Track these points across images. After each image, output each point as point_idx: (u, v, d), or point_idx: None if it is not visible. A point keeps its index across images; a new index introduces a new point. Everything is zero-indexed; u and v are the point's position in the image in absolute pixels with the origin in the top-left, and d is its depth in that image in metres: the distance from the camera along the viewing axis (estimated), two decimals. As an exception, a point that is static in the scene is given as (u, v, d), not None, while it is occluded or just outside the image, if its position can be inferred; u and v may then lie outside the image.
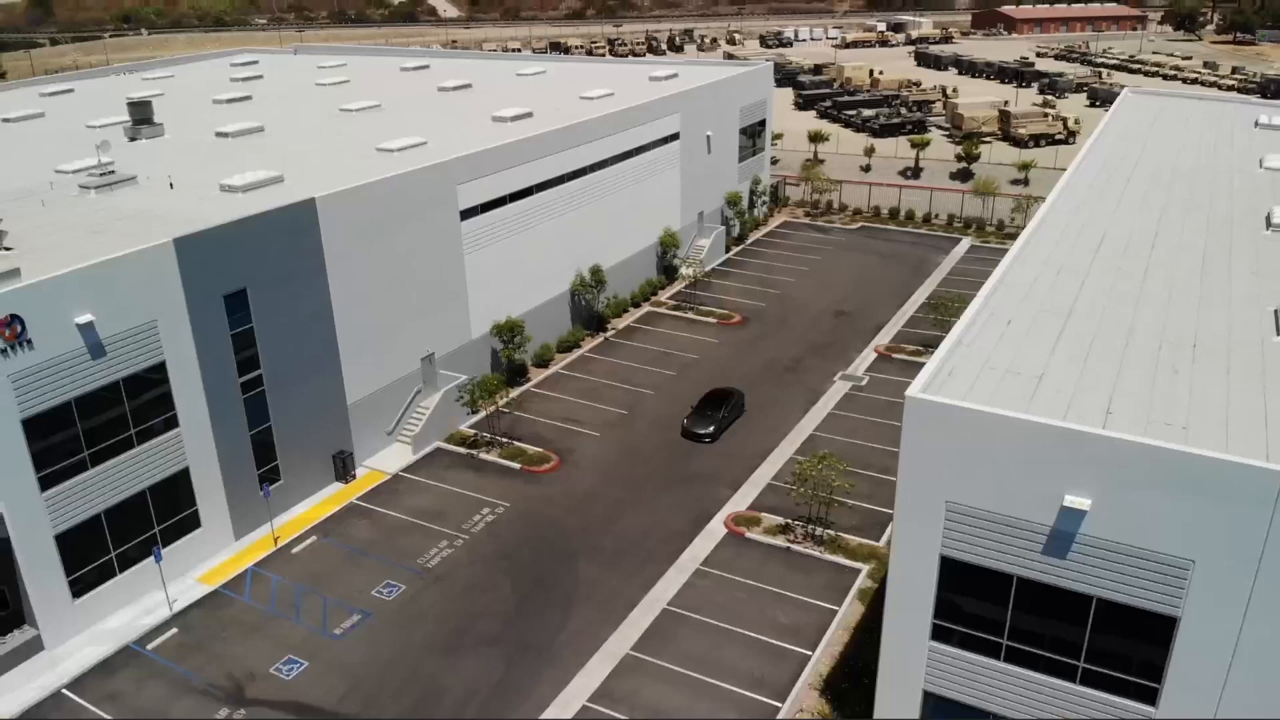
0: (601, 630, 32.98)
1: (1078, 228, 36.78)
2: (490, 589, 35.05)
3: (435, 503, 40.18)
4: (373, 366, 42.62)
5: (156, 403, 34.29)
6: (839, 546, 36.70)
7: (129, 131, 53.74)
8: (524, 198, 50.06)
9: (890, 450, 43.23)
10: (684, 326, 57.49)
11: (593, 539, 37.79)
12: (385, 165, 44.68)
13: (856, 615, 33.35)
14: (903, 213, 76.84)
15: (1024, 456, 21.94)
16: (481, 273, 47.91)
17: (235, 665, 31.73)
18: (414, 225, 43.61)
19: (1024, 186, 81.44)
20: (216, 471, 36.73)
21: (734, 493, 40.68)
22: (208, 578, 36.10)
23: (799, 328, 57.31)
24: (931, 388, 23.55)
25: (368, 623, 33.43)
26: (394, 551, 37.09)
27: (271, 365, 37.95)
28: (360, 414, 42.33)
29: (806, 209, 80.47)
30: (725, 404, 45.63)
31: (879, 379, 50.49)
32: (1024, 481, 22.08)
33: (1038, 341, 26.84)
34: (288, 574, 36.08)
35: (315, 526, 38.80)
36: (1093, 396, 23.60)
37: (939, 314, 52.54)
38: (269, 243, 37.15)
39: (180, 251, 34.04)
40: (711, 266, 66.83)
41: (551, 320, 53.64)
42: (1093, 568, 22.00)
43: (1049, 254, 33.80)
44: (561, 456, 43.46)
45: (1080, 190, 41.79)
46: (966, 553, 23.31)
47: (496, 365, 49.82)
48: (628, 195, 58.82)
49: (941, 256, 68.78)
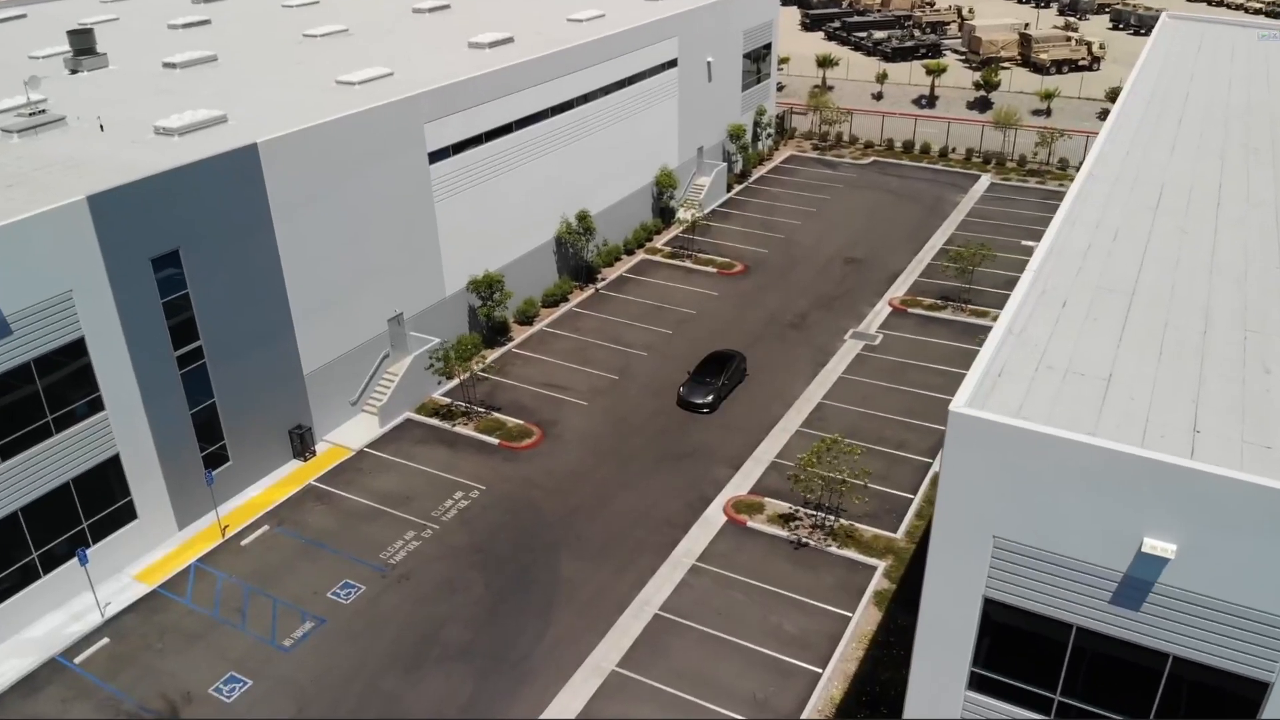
0: (585, 639, 29.30)
1: (1130, 179, 32.07)
2: (461, 589, 31.28)
3: (402, 485, 36.21)
4: (332, 331, 38.24)
5: (76, 384, 30.04)
6: (851, 539, 32.87)
7: (69, 63, 48.33)
8: (502, 136, 45.01)
9: (907, 421, 39.19)
10: (681, 277, 52.88)
11: (577, 528, 33.93)
12: (345, 100, 39.54)
13: (872, 623, 29.63)
14: (917, 146, 71.46)
15: (1095, 489, 17.80)
16: (455, 222, 43.17)
17: (171, 683, 28.09)
18: (375, 170, 38.77)
19: (1046, 118, 75.87)
20: (153, 456, 32.66)
21: (734, 472, 36.71)
22: (146, 575, 32.33)
23: (806, 277, 52.72)
24: (979, 397, 19.29)
25: (321, 631, 29.72)
26: (354, 543, 33.24)
27: (212, 334, 33.60)
28: (319, 384, 38.12)
29: (814, 141, 75.02)
30: (725, 369, 41.37)
31: (893, 337, 46.15)
32: (1093, 518, 17.98)
33: (1100, 329, 22.48)
34: (235, 570, 32.28)
35: (268, 513, 34.88)
36: (1173, 406, 19.35)
37: (960, 263, 48.03)
38: (204, 196, 32.46)
39: (96, 211, 29.40)
40: (712, 208, 61.84)
41: (535, 272, 49.04)
42: (1172, 622, 18.03)
43: (1102, 213, 29.19)
44: (544, 429, 39.36)
45: (1129, 132, 36.90)
46: (1015, 596, 19.33)
47: (475, 324, 45.41)
48: (620, 130, 53.61)
49: (959, 195, 63.77)
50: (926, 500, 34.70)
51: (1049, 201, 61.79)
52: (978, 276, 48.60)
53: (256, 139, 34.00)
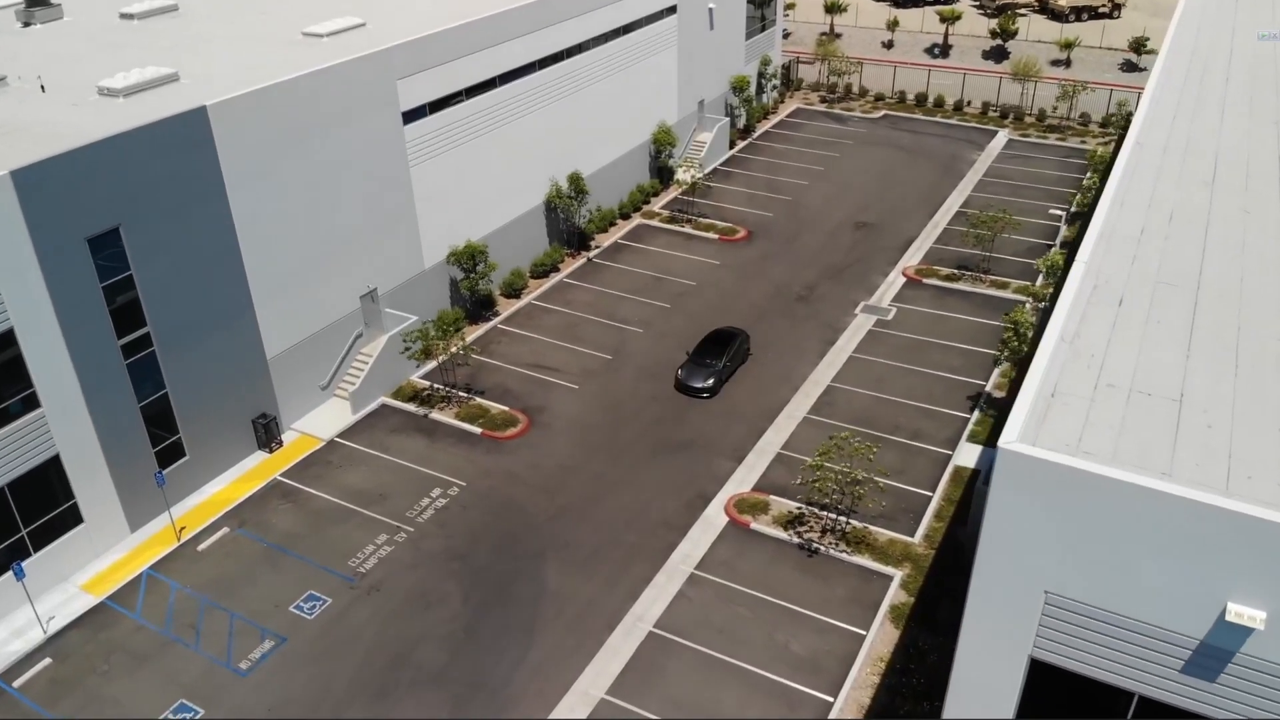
0: (572, 662, 26.60)
1: (1180, 149, 28.67)
2: (436, 603, 28.53)
3: (375, 480, 33.32)
4: (298, 310, 35.05)
5: (6, 380, 26.97)
6: (864, 544, 30.05)
7: (20, 15, 44.45)
8: (485, 92, 41.33)
9: (923, 407, 36.18)
10: (680, 244, 49.47)
11: (565, 531, 31.10)
12: (311, 55, 35.89)
13: (889, 644, 26.89)
14: (931, 99, 67.42)
15: (1170, 543, 14.87)
16: (433, 188, 39.71)
17: (117, 712, 25.44)
18: (343, 133, 35.26)
19: (1066, 68, 71.76)
20: (98, 455, 29.70)
21: (737, 465, 33.80)
22: (95, 584, 29.58)
23: (813, 244, 49.33)
24: (1030, 428, 16.26)
25: (281, 652, 27.00)
26: (321, 549, 30.43)
27: (161, 319, 30.45)
28: (284, 368, 35.04)
29: (822, 94, 70.93)
30: (727, 350, 38.25)
31: (908, 311, 42.94)
32: (1166, 577, 15.08)
33: (1164, 333, 19.38)
34: (190, 580, 29.51)
35: (229, 513, 32.03)
36: (1259, 435, 16.34)
37: (980, 229, 44.66)
38: (147, 166, 29.08)
39: (21, 188, 26.05)
40: (713, 166, 58.16)
41: (523, 241, 45.64)
42: (1253, 696, 15.23)
43: (1153, 189, 25.89)
44: (531, 417, 36.36)
45: (1173, 94, 33.39)
46: (1067, 659, 16.49)
47: (458, 299, 42.18)
48: (614, 84, 49.82)
49: (976, 153, 60.01)
50: (946, 499, 31.85)
51: (1070, 160, 58.15)
52: (997, 243, 45.26)
53: (206, 101, 30.52)
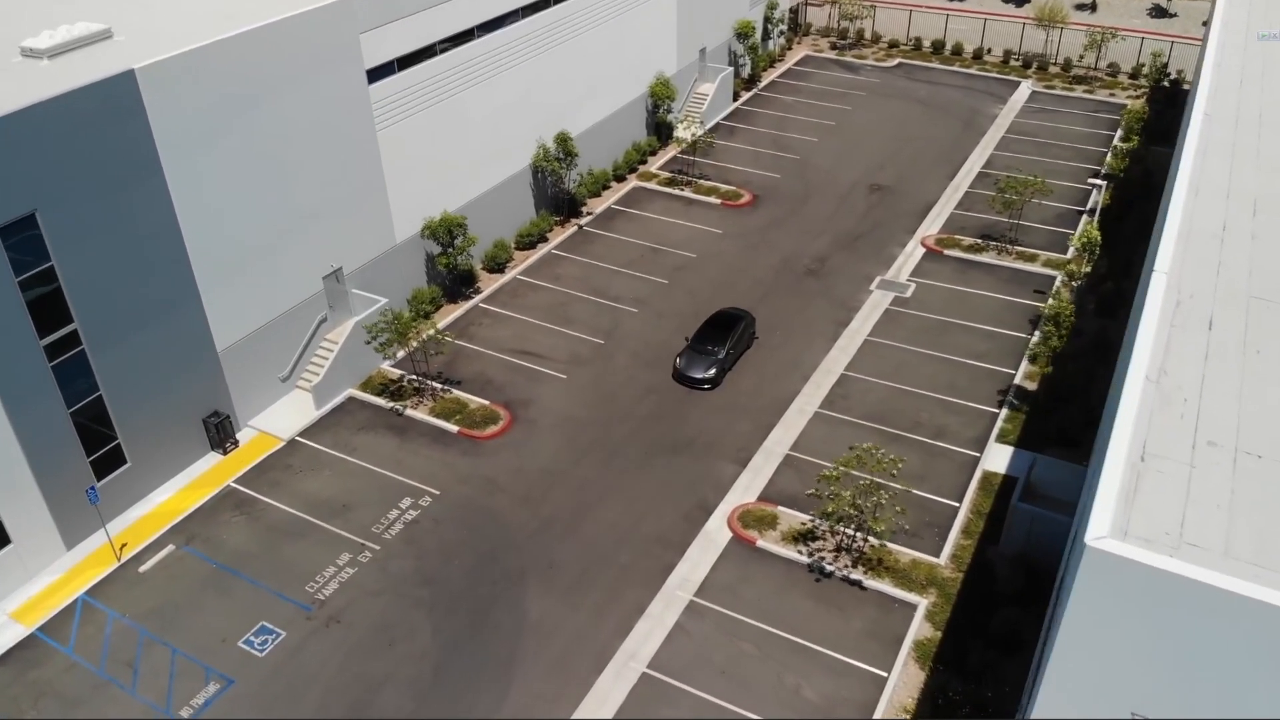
0: (555, 709, 23.53)
1: (1253, 127, 24.86)
2: (403, 637, 25.39)
3: (339, 488, 30.01)
4: (251, 295, 31.40)
5: (-97, 390, 23.56)
6: (884, 566, 26.84)
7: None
8: (461, 44, 37.17)
9: (946, 400, 32.78)
10: (679, 210, 45.55)
11: (549, 549, 27.88)
12: (266, 7, 31.71)
13: (913, 687, 23.81)
14: (949, 46, 62.78)
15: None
16: (404, 153, 35.74)
17: (38, 769, 22.51)
18: (299, 94, 31.27)
19: (1092, 13, 67.00)
20: (24, 467, 26.27)
21: (741, 469, 30.49)
22: (25, 613, 26.43)
23: (824, 209, 45.44)
24: (1121, 511, 12.86)
25: (228, 696, 23.91)
26: (275, 571, 27.22)
27: (91, 314, 26.84)
28: (238, 361, 31.50)
29: (832, 40, 66.20)
30: (730, 335, 34.69)
31: (928, 287, 39.29)
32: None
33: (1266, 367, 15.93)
34: (129, 608, 26.34)
35: (176, 526, 28.76)
36: None
37: (1007, 193, 40.74)
38: (66, 141, 25.21)
39: (-93, 167, 22.36)
40: (715, 121, 53.92)
41: (507, 209, 41.73)
42: None
43: (1230, 176, 22.17)
44: (513, 412, 32.93)
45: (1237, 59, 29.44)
46: (1158, 793, 13.29)
47: (434, 276, 38.47)
48: (607, 32, 45.46)
49: (998, 106, 55.68)
50: (975, 511, 28.58)
51: (1099, 115, 53.89)
52: (1025, 210, 41.41)
53: (134, 64, 26.54)
